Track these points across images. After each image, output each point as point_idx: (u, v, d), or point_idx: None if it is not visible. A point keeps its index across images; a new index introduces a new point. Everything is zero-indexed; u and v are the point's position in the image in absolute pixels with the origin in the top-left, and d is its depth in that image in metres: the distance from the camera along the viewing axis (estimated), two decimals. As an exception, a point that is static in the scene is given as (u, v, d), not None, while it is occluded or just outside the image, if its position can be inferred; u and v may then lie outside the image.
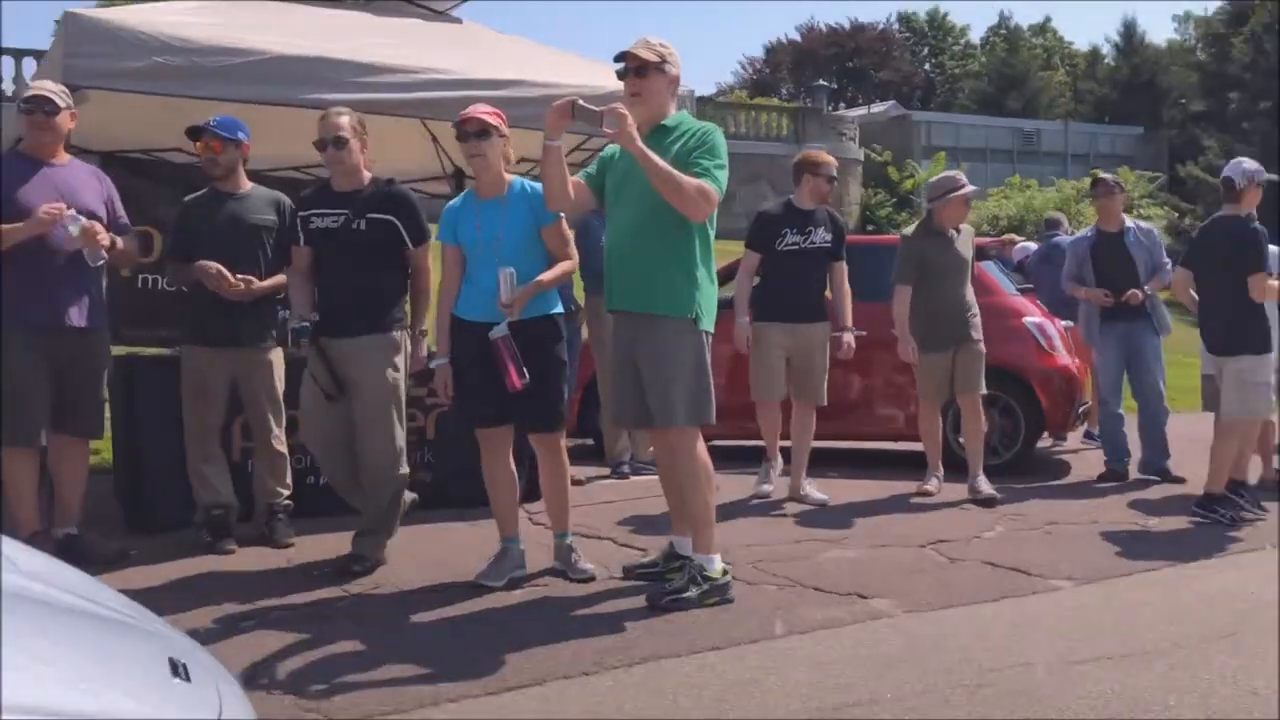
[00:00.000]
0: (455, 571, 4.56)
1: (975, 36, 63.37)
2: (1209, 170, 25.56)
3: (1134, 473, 7.05)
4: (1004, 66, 45.15)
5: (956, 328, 6.29)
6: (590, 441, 7.86)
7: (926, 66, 62.11)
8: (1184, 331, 7.85)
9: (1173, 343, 7.53)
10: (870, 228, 27.31)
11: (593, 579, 4.45)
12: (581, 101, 3.91)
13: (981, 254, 7.57)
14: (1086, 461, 7.83)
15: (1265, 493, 6.29)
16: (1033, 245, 9.74)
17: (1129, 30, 41.50)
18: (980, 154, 33.68)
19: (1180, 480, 6.76)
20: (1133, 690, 3.26)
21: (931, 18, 64.66)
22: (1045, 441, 8.73)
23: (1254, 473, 6.63)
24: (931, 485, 6.45)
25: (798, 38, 56.81)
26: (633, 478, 6.74)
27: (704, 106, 27.39)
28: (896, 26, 61.87)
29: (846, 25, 56.41)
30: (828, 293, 6.39)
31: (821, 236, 6.12)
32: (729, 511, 5.91)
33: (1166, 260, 7.13)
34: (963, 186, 6.38)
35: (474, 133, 4.30)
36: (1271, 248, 5.98)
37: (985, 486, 6.20)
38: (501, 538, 4.50)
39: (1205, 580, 4.64)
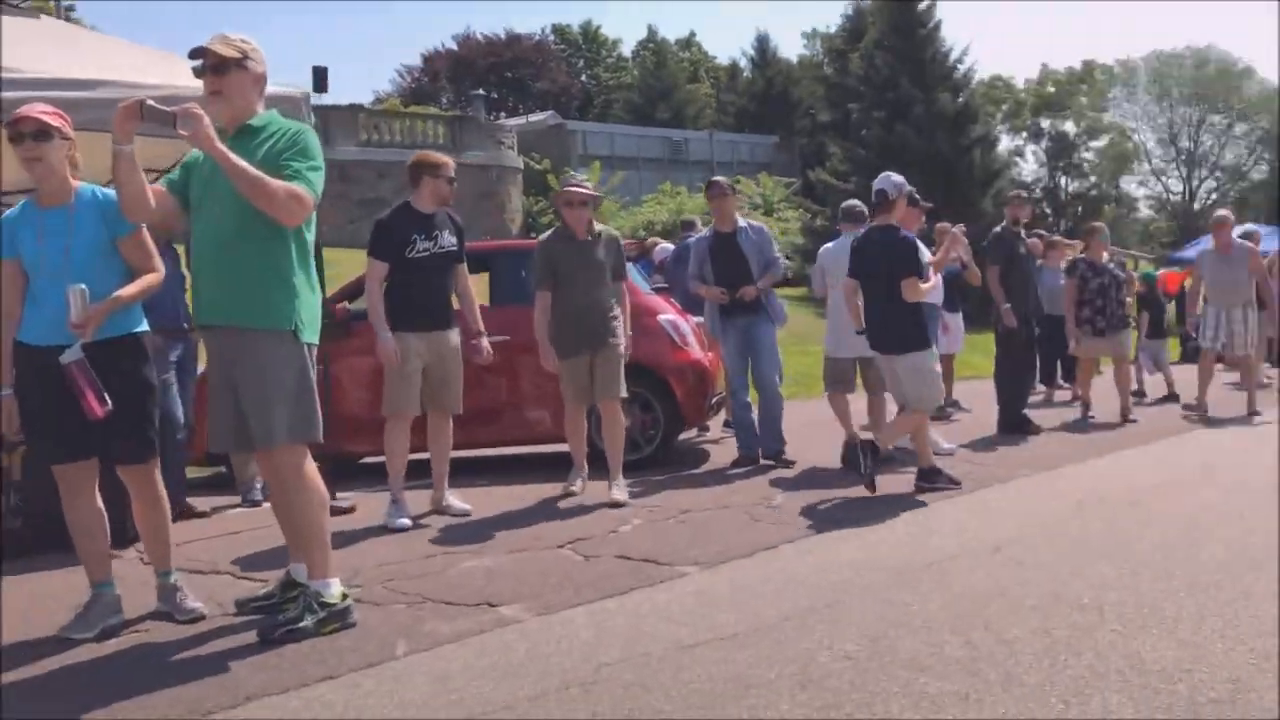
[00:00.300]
0: (39, 627, 4.07)
1: (627, 50, 65.95)
2: (835, 175, 27.80)
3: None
4: (653, 79, 47.18)
5: (595, 332, 6.27)
6: (223, 469, 7.35)
7: (583, 78, 63.81)
8: (813, 323, 8.45)
9: (804, 333, 8.07)
10: (534, 235, 27.62)
11: (201, 618, 4.10)
12: (151, 101, 3.58)
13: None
14: (727, 449, 8.20)
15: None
16: (672, 247, 10.13)
17: (762, 45, 44.55)
18: (634, 162, 34.99)
19: (789, 464, 7.21)
20: (738, 667, 3.37)
21: (585, 30, 66.57)
22: (691, 432, 9.11)
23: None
24: (576, 485, 6.50)
25: (455, 47, 56.70)
26: (265, 504, 6.32)
27: (358, 114, 26.72)
28: (551, 38, 63.16)
29: (503, 36, 56.95)
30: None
31: (448, 240, 5.97)
32: (368, 530, 5.71)
33: (778, 255, 7.59)
34: (566, 187, 6.46)
35: (30, 134, 3.84)
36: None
37: (619, 494, 6.19)
38: (92, 584, 4.06)
39: (818, 554, 4.91)
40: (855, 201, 8.03)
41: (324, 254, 5.42)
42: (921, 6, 28.46)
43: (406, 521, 5.76)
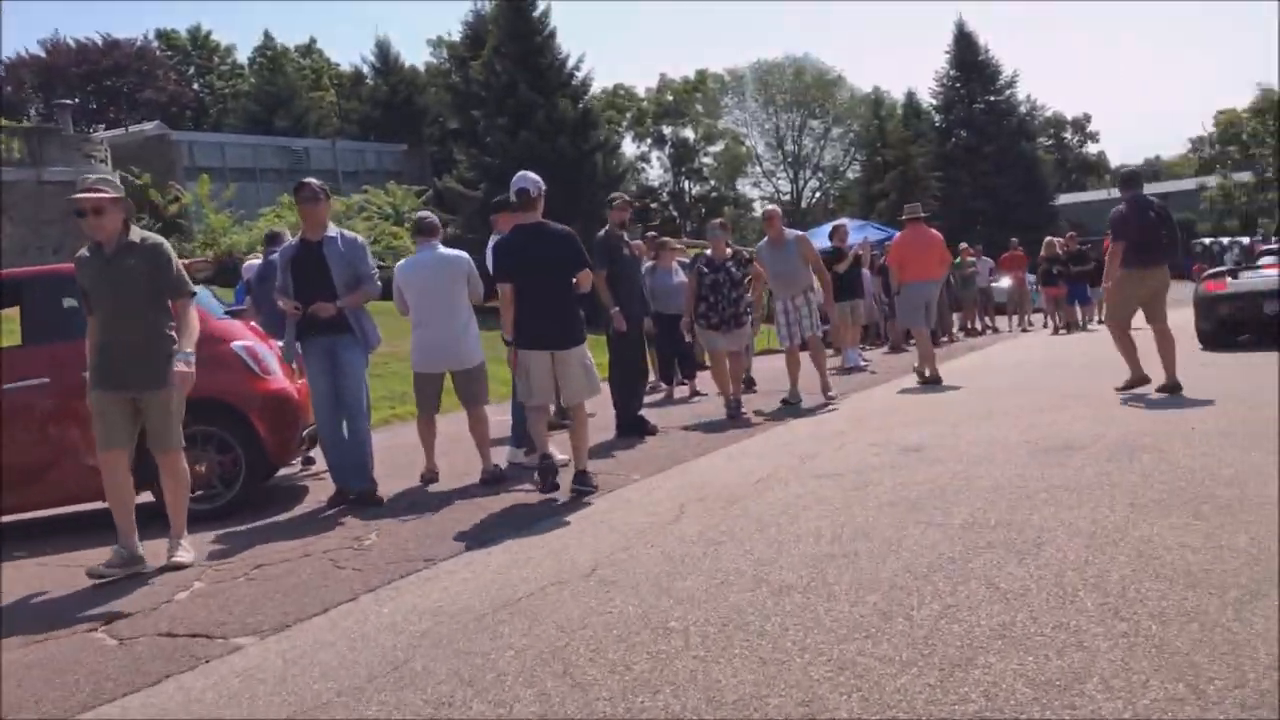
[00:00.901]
0: None
1: (242, 56, 62.50)
2: (462, 182, 27.49)
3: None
4: (269, 86, 44.82)
5: (129, 366, 5.26)
6: None
7: (196, 86, 59.71)
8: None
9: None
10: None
11: None
12: None
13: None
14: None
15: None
16: (259, 262, 9.24)
17: (383, 52, 43.40)
18: (250, 173, 32.94)
19: (378, 502, 6.58)
20: (265, 773, 2.80)
21: (193, 36, 62.39)
22: (294, 465, 8.34)
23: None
24: (119, 557, 5.26)
25: (42, 53, 51.27)
26: None
27: (-93, 128, 23.17)
28: (156, 44, 58.63)
29: (99, 41, 52.14)
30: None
31: None
32: None
33: (372, 270, 6.88)
34: (75, 194, 5.37)
35: None
36: None
37: (182, 555, 5.34)
38: None
39: (400, 601, 4.39)
40: (427, 214, 7.89)
41: None
42: (536, 13, 28.75)
43: None
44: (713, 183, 66.35)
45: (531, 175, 6.47)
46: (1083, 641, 3.14)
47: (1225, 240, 36.56)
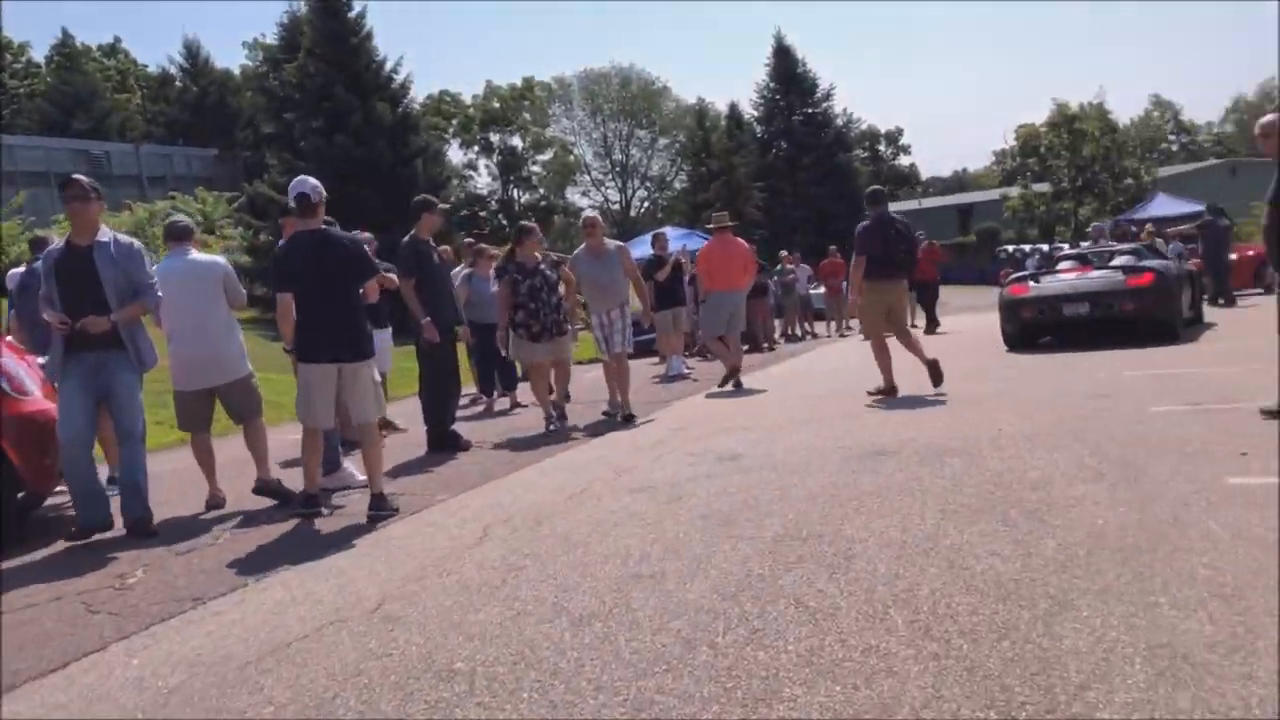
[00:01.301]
0: None
1: (38, 54, 58.67)
2: (274, 187, 26.29)
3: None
4: (66, 86, 42.07)
5: None
6: None
7: (-12, 84, 55.77)
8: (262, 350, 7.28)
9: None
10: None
11: None
12: None
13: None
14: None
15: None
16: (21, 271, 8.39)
17: (192, 53, 41.38)
18: (44, 178, 30.72)
19: (152, 533, 5.94)
20: None
21: (-16, 33, 58.24)
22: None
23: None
24: None
25: None
26: None
27: None
28: (-63, 39, 54.40)
29: None
30: None
31: None
32: None
33: (151, 280, 6.20)
34: None
35: None
36: None
37: None
38: None
39: (155, 649, 3.88)
40: (181, 218, 7.47)
41: None
42: (352, 14, 27.85)
43: None
44: (542, 191, 65.94)
45: (311, 180, 6.08)
46: (892, 667, 2.95)
47: (1027, 247, 38.43)
